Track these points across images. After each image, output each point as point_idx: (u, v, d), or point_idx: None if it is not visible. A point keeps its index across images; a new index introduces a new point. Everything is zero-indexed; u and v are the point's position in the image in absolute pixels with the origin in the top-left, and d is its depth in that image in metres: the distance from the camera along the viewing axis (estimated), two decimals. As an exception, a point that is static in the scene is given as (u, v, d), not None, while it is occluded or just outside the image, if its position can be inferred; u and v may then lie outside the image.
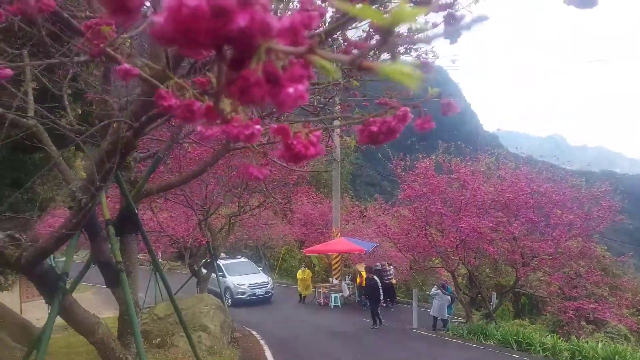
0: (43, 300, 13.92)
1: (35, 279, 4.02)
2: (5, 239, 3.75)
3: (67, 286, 4.33)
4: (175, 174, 10.74)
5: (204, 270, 14.61)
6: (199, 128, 0.91)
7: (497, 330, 13.13)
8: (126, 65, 0.99)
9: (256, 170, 0.77)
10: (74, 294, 4.51)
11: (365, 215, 26.98)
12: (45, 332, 3.97)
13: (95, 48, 1.13)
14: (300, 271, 19.97)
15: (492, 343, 12.57)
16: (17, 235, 3.88)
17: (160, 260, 18.60)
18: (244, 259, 22.79)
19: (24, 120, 4.13)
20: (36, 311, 15.57)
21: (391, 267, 19.36)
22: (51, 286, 4.02)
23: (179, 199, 12.40)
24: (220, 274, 16.45)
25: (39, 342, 4.03)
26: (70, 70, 5.22)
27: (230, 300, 18.16)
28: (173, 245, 17.28)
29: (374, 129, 0.75)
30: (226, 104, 0.70)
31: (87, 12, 2.12)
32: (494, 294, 16.19)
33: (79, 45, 1.15)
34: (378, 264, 18.76)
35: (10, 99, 6.28)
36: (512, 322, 16.07)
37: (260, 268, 22.57)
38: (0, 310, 13.93)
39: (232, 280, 19.33)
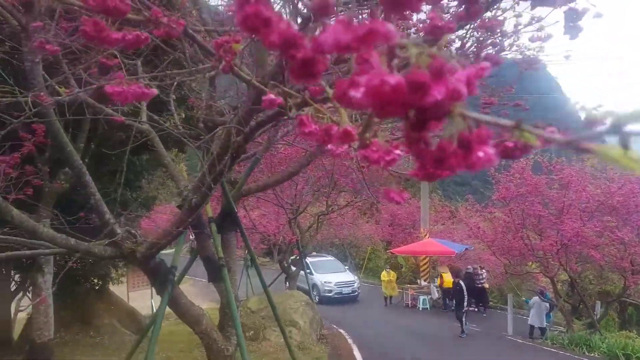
0: (147, 290, 14.97)
1: (149, 272, 4.35)
2: (124, 234, 4.11)
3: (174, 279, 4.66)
4: (267, 174, 11.13)
5: (293, 268, 14.99)
6: (329, 147, 0.94)
7: (602, 342, 12.17)
8: (272, 96, 1.05)
9: (397, 195, 0.78)
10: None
11: (455, 216, 26.21)
12: (157, 320, 4.30)
13: (226, 64, 1.21)
14: (384, 272, 19.64)
15: (596, 355, 11.69)
16: (133, 231, 4.23)
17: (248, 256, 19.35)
18: (330, 257, 23.06)
19: (139, 125, 4.49)
20: (140, 300, 16.89)
21: (483, 270, 18.62)
22: (162, 278, 4.34)
23: (269, 197, 12.84)
24: (307, 271, 16.80)
25: (153, 330, 4.37)
26: (176, 78, 5.60)
27: (317, 298, 18.47)
28: (263, 242, 17.91)
29: (510, 144, 0.73)
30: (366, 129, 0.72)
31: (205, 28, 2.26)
32: (599, 302, 15.03)
33: (213, 62, 1.22)
34: (469, 267, 18.13)
35: (121, 105, 6.86)
36: (618, 333, 14.83)
37: (346, 267, 22.72)
38: (112, 298, 15.27)
39: (319, 277, 19.64)
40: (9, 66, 4.85)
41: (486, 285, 18.58)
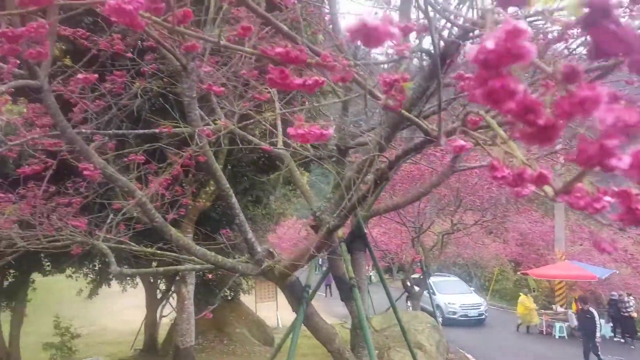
0: (273, 303, 15.67)
1: (285, 289, 4.56)
2: (263, 253, 4.35)
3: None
4: (389, 192, 11.09)
5: (416, 288, 14.68)
6: (514, 191, 0.91)
7: None
8: (461, 142, 1.05)
9: (608, 245, 0.73)
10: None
11: (595, 237, 23.77)
12: (294, 337, 4.48)
13: (398, 104, 1.23)
14: (524, 297, 17.76)
15: None
16: (271, 250, 4.46)
17: (369, 274, 19.37)
18: (454, 278, 22.20)
19: (275, 149, 4.75)
20: (267, 311, 17.74)
21: (631, 297, 16.58)
22: (297, 296, 4.52)
23: (391, 214, 12.76)
24: (430, 291, 16.33)
25: (290, 346, 4.55)
26: (307, 103, 5.87)
27: (440, 319, 17.85)
28: (384, 260, 17.83)
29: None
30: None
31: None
32: None
33: (382, 101, 1.26)
34: (614, 293, 16.28)
35: (253, 127, 7.34)
36: None
37: (471, 288, 21.69)
38: (242, 308, 16.21)
39: (442, 298, 18.98)
40: (168, 99, 5.47)
41: (634, 314, 16.50)
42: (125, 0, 1.07)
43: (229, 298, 14.85)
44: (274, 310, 18.01)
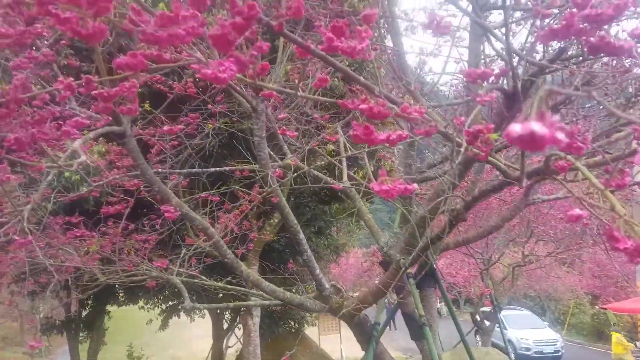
0: (336, 335, 15.47)
1: (354, 327, 4.50)
2: (331, 289, 4.33)
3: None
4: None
5: (486, 322, 14.02)
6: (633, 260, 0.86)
7: None
8: (578, 211, 1.02)
9: None
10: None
11: (684, 268, 21.83)
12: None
13: (485, 154, 1.21)
14: (619, 336, 16.04)
15: None
16: (339, 286, 4.44)
17: (437, 306, 18.74)
18: (526, 311, 21.04)
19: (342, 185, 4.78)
20: (330, 344, 17.53)
21: None
22: (367, 333, 4.45)
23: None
24: (501, 325, 15.52)
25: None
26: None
27: (513, 356, 16.87)
28: (451, 292, 17.21)
29: None
30: None
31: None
32: None
33: (467, 151, 1.24)
34: None
35: (315, 160, 7.43)
36: None
37: (545, 323, 20.43)
38: (306, 341, 16.12)
39: (514, 333, 17.99)
40: (236, 137, 5.67)
41: None
42: (220, 69, 1.13)
43: (293, 330, 14.84)
44: (337, 343, 17.78)
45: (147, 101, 5.05)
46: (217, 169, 4.76)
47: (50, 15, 1.07)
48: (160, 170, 4.78)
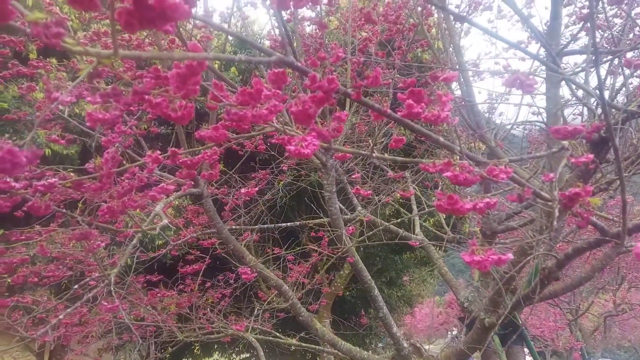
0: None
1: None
2: (409, 348, 4.14)
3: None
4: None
5: (579, 379, 12.81)
6: None
7: None
8: None
9: None
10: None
11: None
12: None
13: (584, 222, 1.12)
14: None
15: None
16: (418, 345, 4.23)
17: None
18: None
19: (414, 236, 4.66)
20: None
21: None
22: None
23: (541, 295, 11.55)
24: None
25: None
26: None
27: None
28: (535, 345, 16.00)
29: None
30: None
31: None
32: None
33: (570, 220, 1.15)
34: None
35: (384, 210, 7.32)
36: None
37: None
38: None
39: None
40: (305, 190, 5.74)
41: None
42: (303, 144, 1.14)
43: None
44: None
45: (221, 161, 5.26)
46: (289, 224, 4.80)
47: (143, 101, 1.14)
48: (234, 226, 4.88)
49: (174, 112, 1.18)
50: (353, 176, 3.10)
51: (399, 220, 5.67)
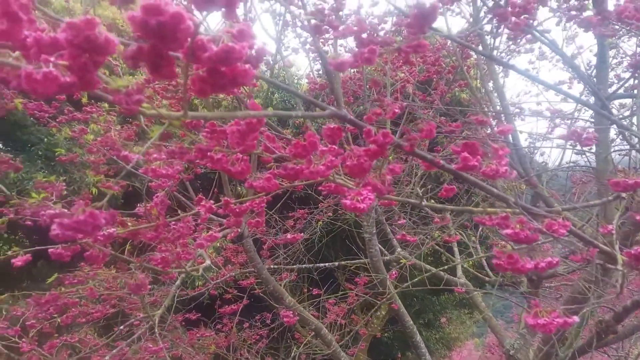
0: None
1: None
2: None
3: None
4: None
5: None
6: None
7: None
8: None
9: None
10: None
11: None
12: None
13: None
14: None
15: None
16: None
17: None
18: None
19: (456, 279, 4.55)
20: None
21: None
22: None
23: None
24: None
25: None
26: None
27: None
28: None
29: None
30: None
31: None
32: None
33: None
34: None
35: (414, 251, 7.19)
36: None
37: None
38: None
39: None
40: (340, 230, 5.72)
41: None
42: (359, 199, 1.14)
43: None
44: None
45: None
46: (327, 264, 4.77)
47: (205, 158, 1.17)
48: (272, 266, 4.89)
49: (234, 167, 1.21)
50: (399, 222, 3.08)
51: (433, 257, 5.55)
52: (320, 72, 5.34)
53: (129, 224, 1.55)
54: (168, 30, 0.68)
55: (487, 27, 3.53)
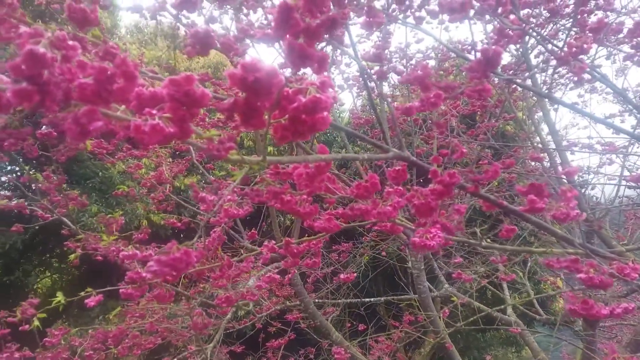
0: None
1: None
2: None
3: None
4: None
5: None
6: None
7: None
8: None
9: None
10: None
11: None
12: None
13: None
14: None
15: None
16: None
17: None
18: None
19: (506, 317, 4.40)
20: None
21: None
22: None
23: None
24: None
25: None
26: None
27: None
28: None
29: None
30: None
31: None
32: None
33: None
34: None
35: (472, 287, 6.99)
36: None
37: None
38: None
39: None
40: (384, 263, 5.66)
41: None
42: (428, 236, 1.16)
43: None
44: None
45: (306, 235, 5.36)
46: (373, 299, 4.72)
47: (275, 199, 1.22)
48: (316, 300, 4.87)
49: (302, 208, 1.25)
50: (454, 260, 3.04)
51: (479, 292, 5.38)
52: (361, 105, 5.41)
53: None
54: (263, 85, 0.73)
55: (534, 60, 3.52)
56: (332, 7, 0.85)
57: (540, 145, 3.52)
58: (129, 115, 0.79)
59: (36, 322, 2.16)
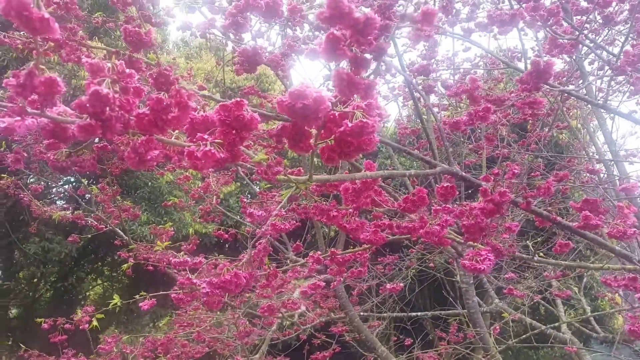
0: None
1: None
2: None
3: None
4: None
5: None
6: None
7: None
8: None
9: None
10: None
11: None
12: None
13: None
14: None
15: None
16: None
17: None
18: None
19: (560, 334, 4.22)
20: None
21: None
22: None
23: None
24: None
25: None
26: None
27: None
28: None
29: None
30: None
31: None
32: None
33: None
34: None
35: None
36: None
37: None
38: None
39: None
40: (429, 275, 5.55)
41: None
42: (479, 259, 1.13)
43: None
44: None
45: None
46: (420, 314, 4.63)
47: (322, 214, 1.23)
48: (361, 312, 4.84)
49: (349, 224, 1.25)
50: (506, 276, 2.95)
51: (531, 308, 5.18)
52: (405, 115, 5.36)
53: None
54: (311, 111, 0.74)
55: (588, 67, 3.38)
56: (378, 32, 0.85)
57: (596, 156, 3.37)
58: (182, 140, 0.82)
59: (95, 322, 2.25)
